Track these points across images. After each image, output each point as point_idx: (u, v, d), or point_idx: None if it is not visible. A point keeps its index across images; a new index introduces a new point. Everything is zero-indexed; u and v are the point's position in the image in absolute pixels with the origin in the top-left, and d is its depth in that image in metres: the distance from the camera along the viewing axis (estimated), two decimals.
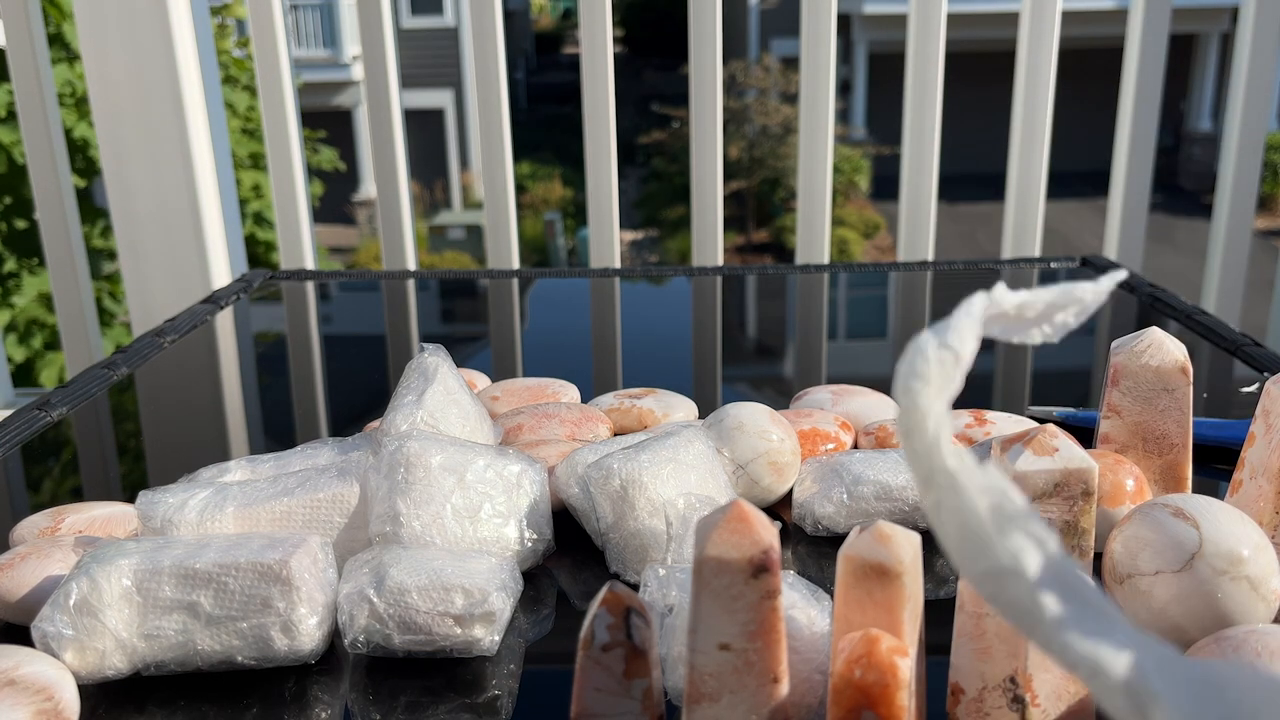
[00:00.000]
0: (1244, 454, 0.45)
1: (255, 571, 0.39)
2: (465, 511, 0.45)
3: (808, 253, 1.30)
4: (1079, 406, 0.64)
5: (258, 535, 0.42)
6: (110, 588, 0.39)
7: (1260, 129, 1.13)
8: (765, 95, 8.37)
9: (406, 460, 0.44)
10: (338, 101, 9.11)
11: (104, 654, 0.39)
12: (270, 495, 0.45)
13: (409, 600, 0.40)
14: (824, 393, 0.61)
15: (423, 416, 0.49)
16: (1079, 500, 0.42)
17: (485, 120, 1.26)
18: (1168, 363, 0.48)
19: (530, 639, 0.43)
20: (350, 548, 0.45)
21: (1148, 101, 1.18)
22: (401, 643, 0.40)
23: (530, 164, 9.18)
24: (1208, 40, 9.40)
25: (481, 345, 0.90)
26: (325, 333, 0.94)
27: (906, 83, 1.21)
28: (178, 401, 0.75)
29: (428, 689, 0.40)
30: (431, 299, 1.06)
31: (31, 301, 3.71)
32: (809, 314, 0.97)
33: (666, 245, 8.42)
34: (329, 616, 0.41)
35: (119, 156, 1.17)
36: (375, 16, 1.23)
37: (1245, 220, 1.16)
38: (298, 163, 1.28)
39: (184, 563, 0.40)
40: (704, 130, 1.25)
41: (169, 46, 1.14)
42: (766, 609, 0.30)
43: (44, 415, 0.67)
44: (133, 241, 1.20)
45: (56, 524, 0.48)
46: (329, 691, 0.40)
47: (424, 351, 0.53)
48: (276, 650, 0.40)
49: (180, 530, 0.44)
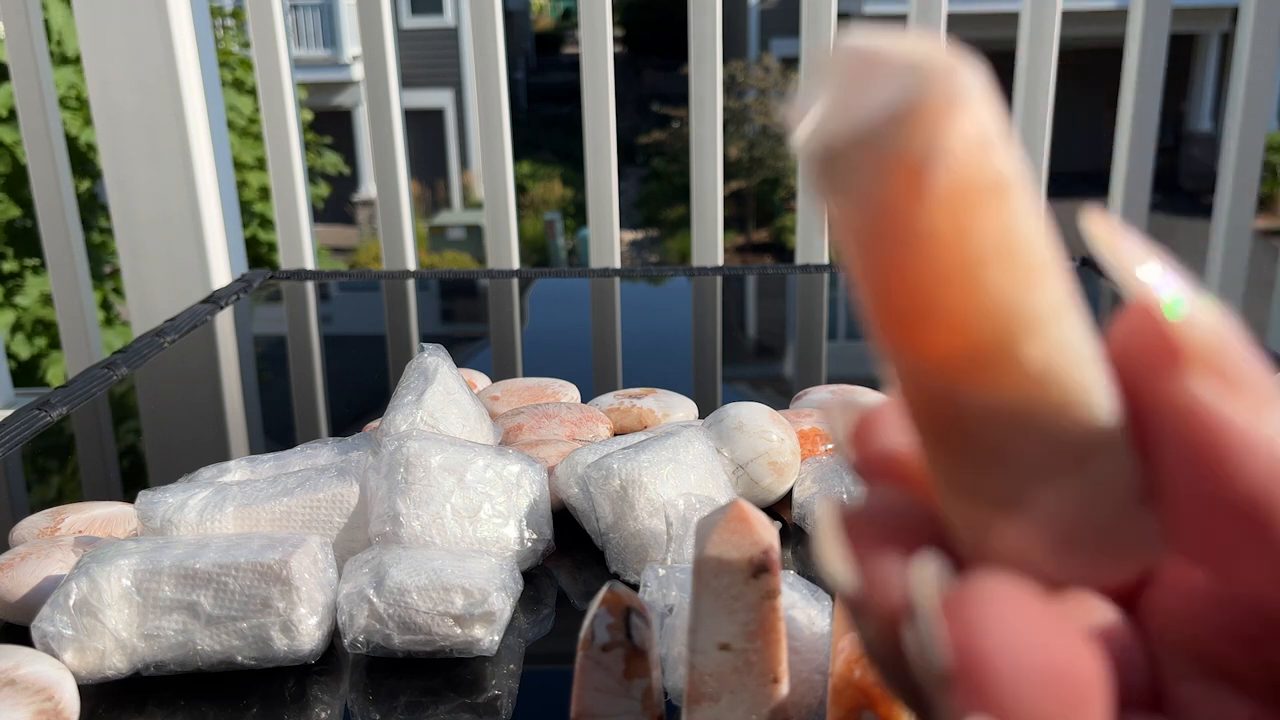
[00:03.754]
0: None
1: (255, 571, 0.39)
2: (465, 511, 0.45)
3: (808, 253, 1.30)
4: None
5: (257, 535, 0.42)
6: (110, 588, 0.39)
7: (1260, 129, 1.13)
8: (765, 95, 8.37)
9: (406, 460, 0.44)
10: (338, 101, 9.12)
11: (104, 654, 0.39)
12: (270, 495, 0.45)
13: (409, 600, 0.40)
14: (824, 393, 0.61)
15: (422, 416, 0.49)
16: None
17: (485, 120, 1.26)
18: None
19: (530, 639, 0.43)
20: (350, 548, 0.45)
21: (1147, 101, 1.18)
22: (401, 643, 0.40)
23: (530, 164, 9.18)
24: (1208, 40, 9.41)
25: (481, 345, 0.90)
26: (325, 333, 0.94)
27: None
28: (178, 401, 0.75)
29: (427, 689, 0.40)
30: (431, 299, 1.06)
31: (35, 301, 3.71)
32: (809, 314, 0.97)
33: (666, 245, 8.42)
34: (329, 616, 0.41)
35: (119, 157, 1.17)
36: (375, 16, 1.23)
37: (1245, 220, 1.16)
38: (298, 162, 1.28)
39: (184, 563, 0.40)
40: (704, 130, 1.25)
41: (169, 47, 1.14)
42: (766, 609, 0.30)
43: (44, 415, 0.67)
44: (133, 242, 1.20)
45: (56, 524, 0.48)
46: (329, 691, 0.40)
47: (424, 351, 0.53)
48: (276, 650, 0.40)
49: (180, 530, 0.44)
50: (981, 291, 0.12)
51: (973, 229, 0.12)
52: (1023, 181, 0.12)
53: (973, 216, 0.12)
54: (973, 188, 0.12)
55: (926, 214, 0.12)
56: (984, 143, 0.12)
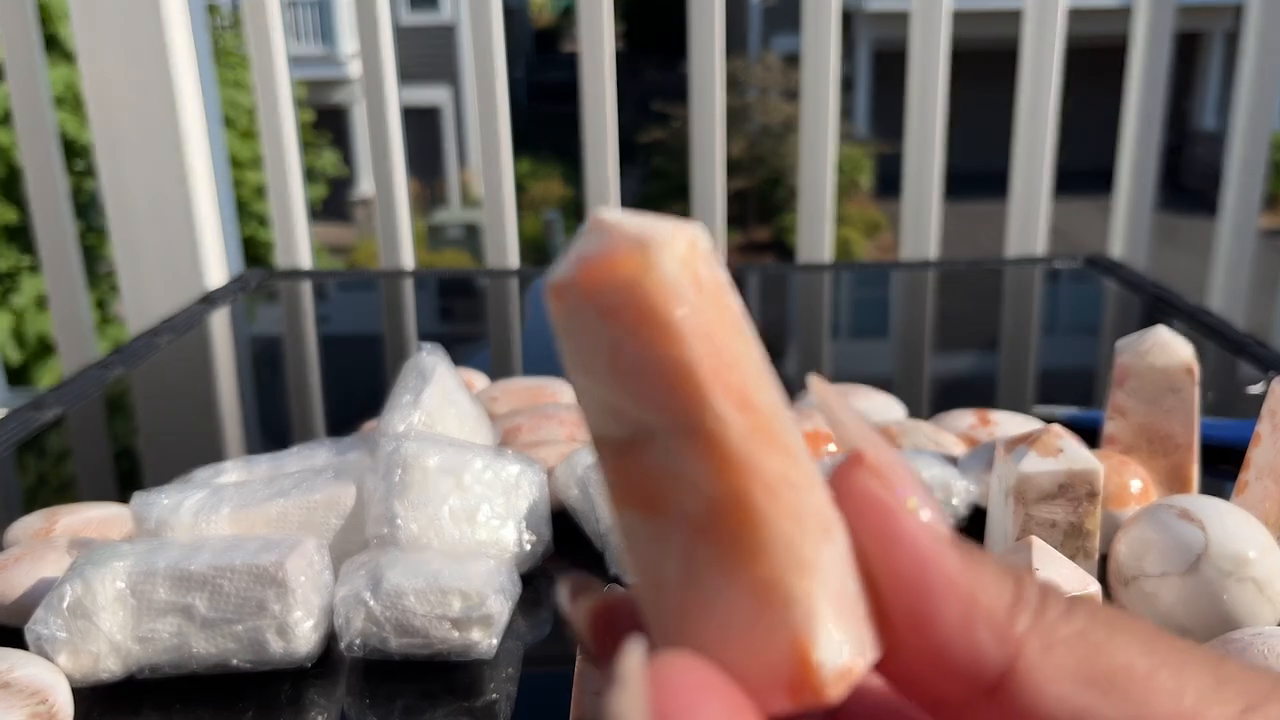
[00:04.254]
0: (1249, 454, 0.45)
1: (250, 574, 0.39)
2: (463, 513, 0.44)
3: (810, 252, 1.30)
4: (1084, 407, 0.63)
5: (253, 537, 0.42)
6: (104, 590, 0.39)
7: (1265, 127, 1.12)
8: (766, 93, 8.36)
9: (404, 461, 0.44)
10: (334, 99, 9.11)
11: (98, 657, 0.39)
12: (266, 497, 0.45)
13: (406, 603, 0.39)
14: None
15: (420, 417, 0.48)
16: (1084, 502, 0.41)
17: (484, 118, 1.25)
18: (1173, 363, 0.47)
19: (529, 643, 0.43)
20: (347, 550, 0.45)
21: (1152, 98, 1.18)
22: (398, 646, 0.40)
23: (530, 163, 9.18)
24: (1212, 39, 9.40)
25: (480, 345, 0.89)
26: (322, 332, 0.94)
27: (909, 80, 1.20)
28: (173, 402, 0.75)
29: (425, 693, 0.39)
30: (430, 298, 1.05)
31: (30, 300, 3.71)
32: (811, 313, 0.96)
33: None
34: (325, 619, 0.41)
35: (115, 156, 1.17)
36: (373, 12, 1.23)
37: (1250, 219, 1.16)
38: (294, 160, 1.28)
39: (179, 565, 0.39)
40: (705, 128, 1.24)
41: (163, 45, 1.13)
42: None
43: (39, 415, 0.66)
44: (129, 241, 1.19)
45: (51, 525, 0.48)
46: (325, 695, 0.40)
47: (422, 351, 0.53)
48: (272, 653, 0.39)
49: (175, 532, 0.44)
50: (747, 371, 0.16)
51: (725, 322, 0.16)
52: (689, 319, 0.16)
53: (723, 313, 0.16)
54: (718, 295, 0.16)
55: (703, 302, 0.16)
56: (665, 285, 0.15)
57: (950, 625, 0.16)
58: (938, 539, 0.17)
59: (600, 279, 0.16)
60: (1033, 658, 0.16)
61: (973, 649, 0.16)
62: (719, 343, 0.16)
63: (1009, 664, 0.16)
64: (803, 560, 0.16)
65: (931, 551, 0.17)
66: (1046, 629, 0.16)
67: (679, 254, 0.16)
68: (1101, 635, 0.16)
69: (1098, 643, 0.16)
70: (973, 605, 0.16)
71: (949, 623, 0.16)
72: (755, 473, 0.16)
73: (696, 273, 0.16)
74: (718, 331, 0.16)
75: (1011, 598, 0.17)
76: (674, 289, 0.15)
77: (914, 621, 0.16)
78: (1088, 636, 0.16)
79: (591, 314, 0.16)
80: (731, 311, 0.16)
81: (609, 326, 0.16)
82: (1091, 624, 0.16)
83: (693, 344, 0.16)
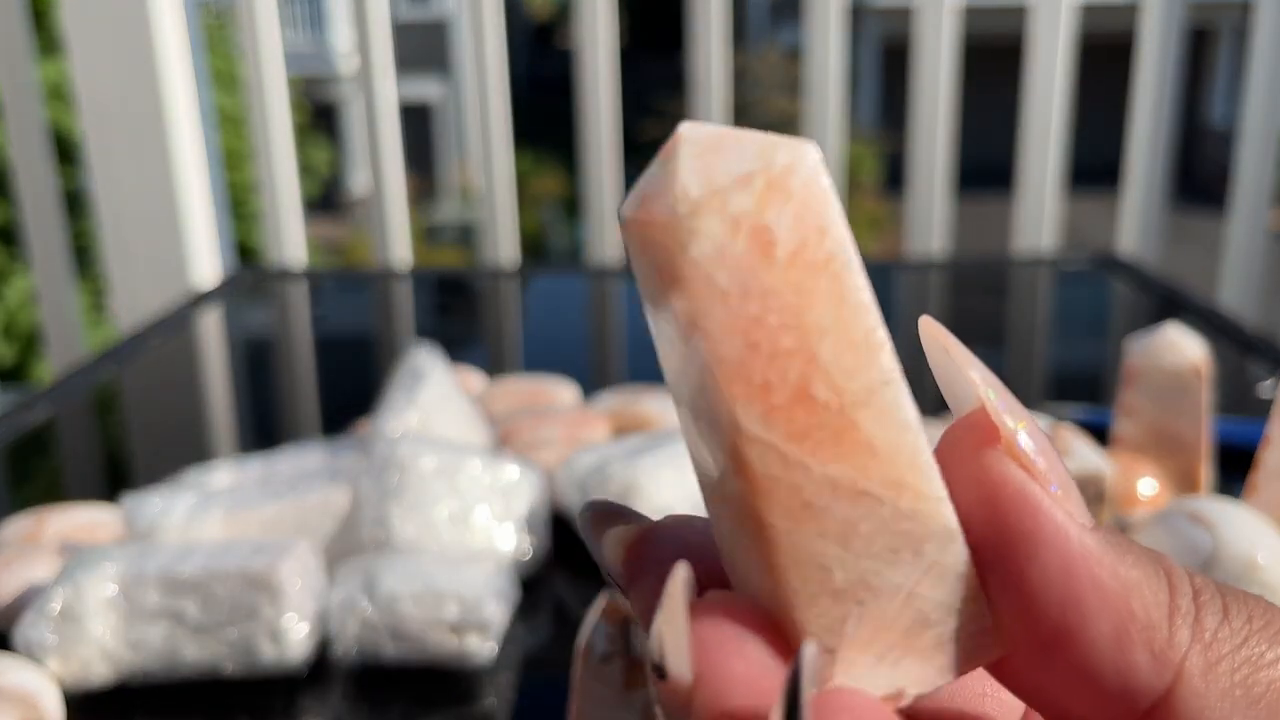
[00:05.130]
0: (1260, 456, 0.44)
1: (242, 578, 0.38)
2: (459, 516, 0.44)
3: None
4: (1092, 405, 0.62)
5: (246, 541, 0.41)
6: (94, 594, 0.38)
7: (1276, 124, 1.12)
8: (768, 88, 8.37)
9: (399, 463, 0.43)
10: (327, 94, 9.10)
11: (88, 662, 0.38)
12: (259, 499, 0.44)
13: (401, 608, 0.39)
14: None
15: (416, 417, 0.48)
16: (1090, 504, 0.40)
17: (483, 114, 1.25)
18: (1184, 363, 0.46)
19: (526, 649, 0.42)
20: (341, 554, 0.44)
21: (1164, 92, 1.17)
22: (393, 652, 0.39)
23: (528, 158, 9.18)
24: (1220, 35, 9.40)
25: (477, 343, 0.89)
26: (315, 331, 0.93)
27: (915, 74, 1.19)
28: (164, 402, 0.74)
29: (420, 700, 0.39)
30: (426, 295, 1.04)
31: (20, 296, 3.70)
32: None
33: None
34: (319, 625, 0.40)
35: (105, 153, 1.16)
36: (369, 7, 1.22)
37: (1261, 216, 1.15)
38: (287, 156, 1.27)
39: (170, 569, 0.39)
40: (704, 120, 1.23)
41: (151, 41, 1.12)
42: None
43: (28, 417, 0.66)
44: (119, 239, 1.18)
45: (39, 528, 0.47)
46: (319, 701, 0.39)
47: (417, 349, 0.52)
48: (264, 659, 0.39)
49: (166, 535, 0.43)
50: (821, 355, 0.13)
51: (814, 295, 0.13)
52: (854, 259, 0.14)
53: (814, 283, 0.13)
54: (813, 256, 0.13)
55: (771, 274, 0.13)
56: (822, 214, 0.13)
57: (1101, 645, 0.14)
58: (1085, 535, 0.14)
59: (641, 234, 0.14)
60: (1194, 683, 0.13)
61: (1126, 674, 0.14)
62: (772, 326, 0.13)
63: (1166, 689, 0.14)
64: (828, 624, 0.14)
65: (1081, 554, 0.14)
66: (1207, 645, 0.14)
67: (734, 213, 0.13)
68: (1264, 647, 0.14)
69: (1258, 659, 0.14)
70: (1129, 619, 0.14)
71: (1100, 642, 0.14)
72: (774, 494, 0.14)
73: (765, 229, 0.13)
74: (778, 307, 0.13)
75: (1167, 604, 0.14)
76: (706, 271, 0.13)
77: (1056, 638, 0.14)
78: (1249, 648, 0.14)
79: (643, 263, 0.14)
80: (820, 269, 0.13)
81: (656, 278, 0.14)
82: (1251, 630, 0.14)
83: (720, 339, 0.13)
